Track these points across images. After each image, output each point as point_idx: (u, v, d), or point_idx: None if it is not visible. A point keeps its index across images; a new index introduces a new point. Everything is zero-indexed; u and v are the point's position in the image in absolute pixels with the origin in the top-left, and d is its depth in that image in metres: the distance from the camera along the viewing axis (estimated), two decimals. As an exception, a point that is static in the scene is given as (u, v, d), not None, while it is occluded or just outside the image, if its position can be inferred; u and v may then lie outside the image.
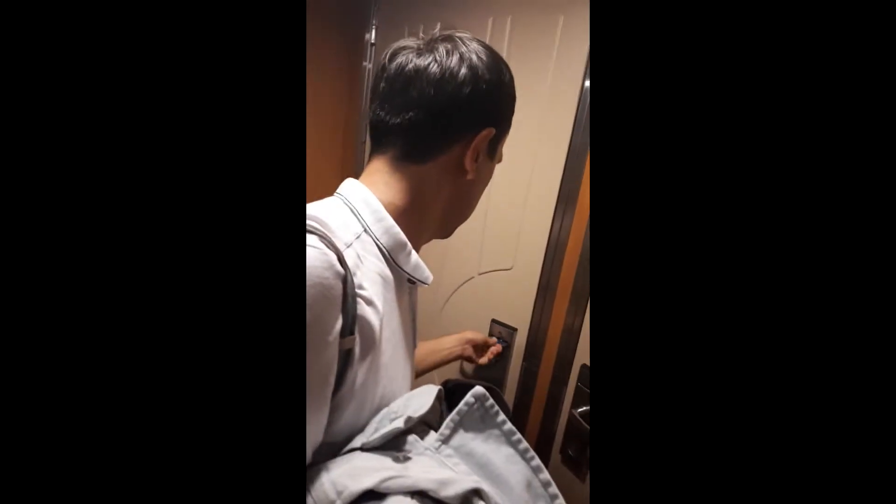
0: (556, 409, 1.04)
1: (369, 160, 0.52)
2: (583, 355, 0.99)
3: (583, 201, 0.99)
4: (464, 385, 0.50)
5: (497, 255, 1.15)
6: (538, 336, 1.08)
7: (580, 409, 0.96)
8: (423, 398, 0.45)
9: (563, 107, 1.01)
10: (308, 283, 0.35)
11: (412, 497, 0.36)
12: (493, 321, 1.16)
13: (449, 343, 0.98)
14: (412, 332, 0.56)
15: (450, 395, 0.50)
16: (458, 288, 1.22)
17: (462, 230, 0.61)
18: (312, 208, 0.47)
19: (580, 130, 0.99)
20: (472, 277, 1.19)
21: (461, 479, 0.38)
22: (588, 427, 0.94)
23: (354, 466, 0.39)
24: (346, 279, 0.38)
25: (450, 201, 0.53)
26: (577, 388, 0.99)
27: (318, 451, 0.41)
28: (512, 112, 0.54)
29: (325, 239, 0.38)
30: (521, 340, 1.12)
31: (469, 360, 1.01)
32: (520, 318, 1.11)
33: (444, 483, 0.37)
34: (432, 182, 0.50)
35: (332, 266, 0.37)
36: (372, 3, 1.39)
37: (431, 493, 0.37)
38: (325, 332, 0.37)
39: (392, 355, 0.47)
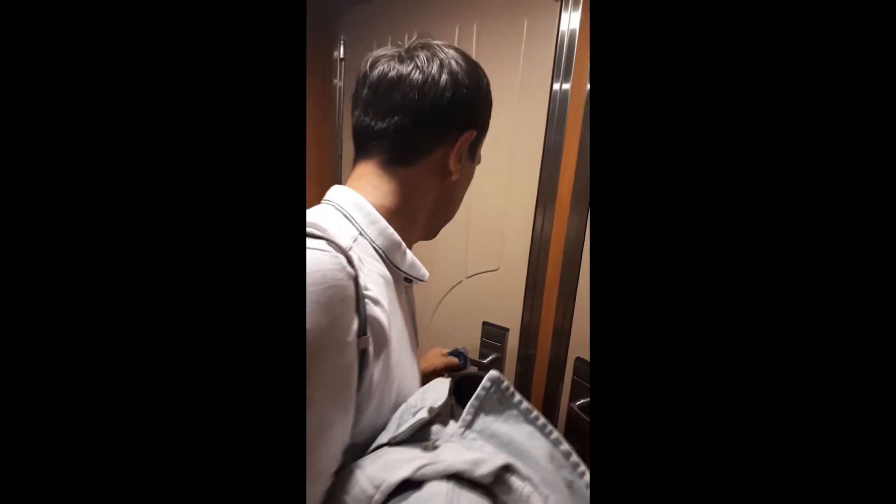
0: (555, 405, 1.05)
1: (355, 166, 0.53)
2: (575, 349, 1.01)
3: (562, 199, 1.01)
4: (468, 379, 0.50)
5: (483, 258, 1.16)
6: (530, 334, 1.09)
7: (579, 403, 0.97)
8: (439, 390, 0.46)
9: (534, 108, 1.03)
10: (325, 285, 0.36)
11: (448, 480, 0.37)
12: (485, 323, 1.17)
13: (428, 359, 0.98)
14: (414, 331, 0.57)
15: (456, 389, 0.51)
16: (448, 293, 1.23)
17: (447, 234, 0.61)
18: (313, 214, 0.48)
19: (553, 130, 1.01)
20: (461, 281, 1.20)
21: (491, 457, 0.39)
22: (587, 419, 0.95)
23: (387, 461, 0.39)
24: (356, 280, 0.39)
25: (436, 202, 0.54)
26: (573, 381, 1.00)
27: (346, 452, 0.41)
28: (490, 114, 0.56)
29: (332, 242, 0.39)
30: (513, 340, 1.13)
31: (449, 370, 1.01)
32: (510, 317, 1.12)
33: (476, 463, 0.38)
34: (419, 184, 0.51)
35: (344, 268, 0.38)
36: (339, 20, 1.40)
37: (466, 475, 0.37)
38: (344, 332, 0.38)
39: (401, 354, 0.48)
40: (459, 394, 0.48)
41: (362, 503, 0.37)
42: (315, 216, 0.47)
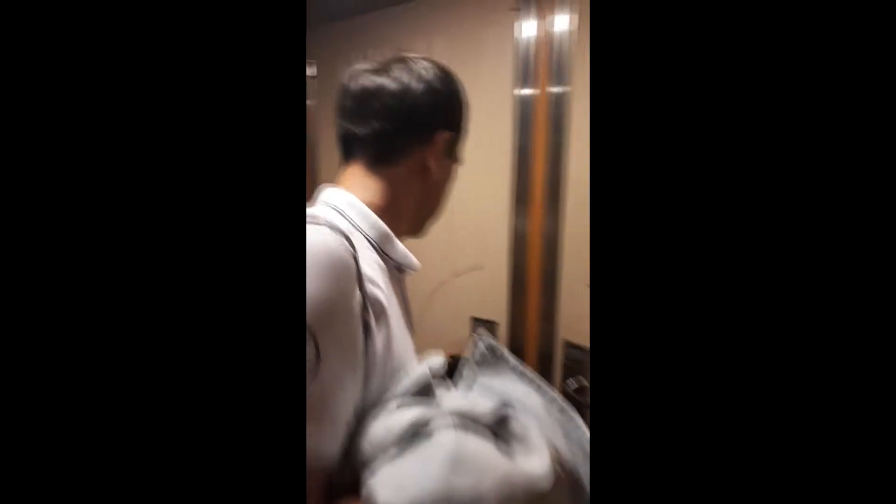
0: (547, 389, 1.13)
1: (343, 169, 0.58)
2: (561, 334, 1.08)
3: (535, 197, 1.08)
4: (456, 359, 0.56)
5: (468, 257, 1.22)
6: (517, 325, 1.16)
7: (573, 388, 1.05)
8: (437, 359, 0.51)
9: (499, 113, 1.10)
10: (331, 261, 0.41)
11: (454, 428, 0.42)
12: (473, 318, 1.23)
13: None
14: (409, 317, 0.61)
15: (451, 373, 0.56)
16: (435, 291, 1.29)
17: (433, 237, 0.66)
18: (311, 212, 0.51)
19: (521, 133, 1.08)
20: (447, 281, 1.26)
21: (490, 402, 0.45)
22: (579, 401, 1.03)
23: (396, 413, 0.44)
24: (356, 259, 0.44)
25: (420, 198, 0.59)
26: (564, 364, 1.08)
27: (358, 414, 0.46)
28: (464, 116, 0.62)
29: (333, 227, 0.43)
30: (502, 332, 1.20)
31: None
32: (497, 311, 1.19)
33: (477, 402, 0.44)
34: (403, 182, 0.56)
35: (346, 247, 0.43)
36: (308, 39, 1.42)
37: (468, 414, 0.43)
38: (350, 302, 0.42)
39: (398, 332, 0.52)
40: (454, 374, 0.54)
41: (378, 447, 0.43)
42: (313, 212, 0.51)
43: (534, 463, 0.42)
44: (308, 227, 0.43)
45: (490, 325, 1.20)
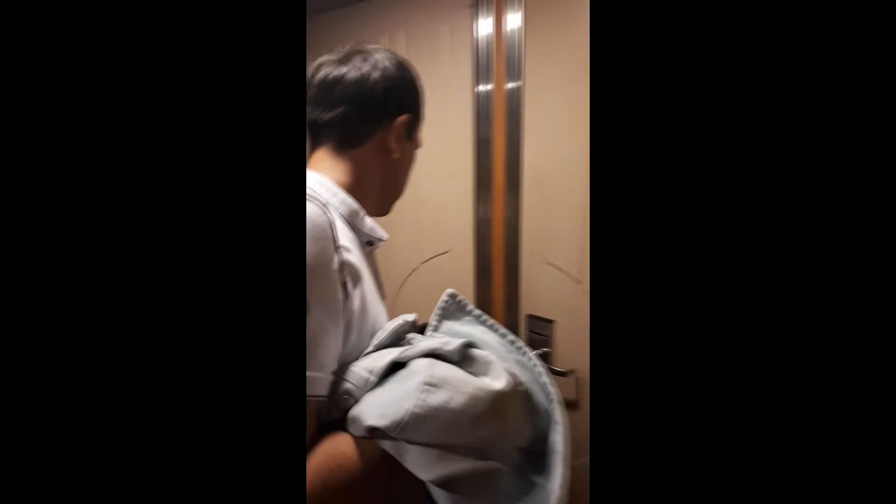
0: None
1: (311, 153, 0.64)
2: (525, 310, 1.17)
3: (497, 184, 1.17)
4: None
5: (434, 244, 1.30)
6: (485, 302, 1.24)
7: (536, 352, 1.14)
8: (409, 315, 0.59)
9: (460, 105, 1.19)
10: (314, 226, 0.46)
11: (425, 357, 0.49)
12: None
13: None
14: (381, 287, 0.68)
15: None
16: (406, 279, 1.36)
17: (401, 225, 0.72)
18: None
19: (480, 124, 1.17)
20: (417, 268, 1.33)
21: (457, 339, 0.53)
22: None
23: (376, 355, 0.52)
24: (332, 226, 0.50)
25: (383, 178, 0.65)
26: (528, 335, 1.17)
27: (340, 363, 0.52)
28: (420, 102, 0.68)
29: (312, 197, 0.49)
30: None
31: None
32: (465, 293, 1.26)
33: (445, 343, 0.51)
34: (367, 162, 0.62)
35: (325, 215, 0.49)
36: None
37: (438, 351, 0.50)
38: (330, 261, 0.48)
39: (371, 297, 0.58)
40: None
41: (361, 385, 0.49)
42: None
43: (495, 382, 0.49)
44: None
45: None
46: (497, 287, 1.22)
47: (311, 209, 0.48)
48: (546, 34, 1.05)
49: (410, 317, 0.59)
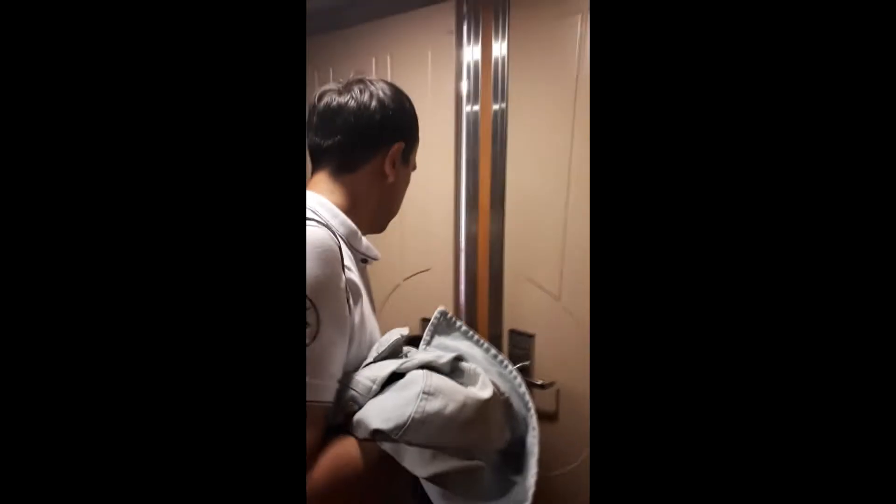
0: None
1: (312, 176, 0.68)
2: (507, 325, 1.21)
3: (483, 204, 1.22)
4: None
5: (415, 263, 1.34)
6: (470, 316, 1.28)
7: (517, 365, 1.17)
8: (402, 329, 0.64)
9: (443, 125, 1.24)
10: (324, 248, 0.52)
11: (421, 368, 0.55)
12: (423, 320, 1.34)
13: None
14: (373, 302, 0.73)
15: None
16: (389, 295, 1.39)
17: (383, 244, 0.76)
18: None
19: (465, 144, 1.22)
20: (399, 284, 1.36)
21: (449, 353, 0.59)
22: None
23: (377, 366, 0.57)
24: (341, 248, 0.55)
25: (379, 200, 0.70)
26: (510, 351, 1.21)
27: (344, 373, 0.57)
28: (415, 129, 0.73)
29: (321, 222, 0.55)
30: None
31: None
32: (446, 306, 1.30)
33: (438, 357, 0.57)
34: (364, 187, 0.67)
35: (333, 238, 0.54)
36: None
37: (433, 364, 0.56)
38: (339, 281, 0.53)
39: (368, 312, 0.64)
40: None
41: (365, 393, 0.55)
42: None
43: (482, 391, 0.55)
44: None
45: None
46: (481, 301, 1.26)
47: (321, 233, 0.53)
48: (530, 59, 1.11)
49: (405, 331, 0.64)
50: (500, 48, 1.15)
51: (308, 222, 0.54)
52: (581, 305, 1.05)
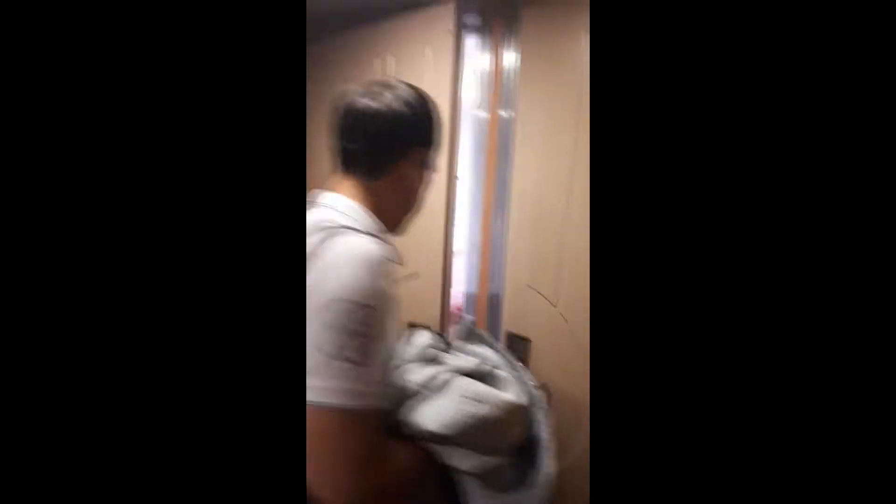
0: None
1: (337, 178, 0.69)
2: (505, 326, 1.24)
3: (486, 207, 1.24)
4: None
5: (405, 266, 1.35)
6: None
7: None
8: (424, 331, 0.68)
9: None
10: (385, 265, 0.54)
11: (465, 376, 0.61)
12: (410, 324, 1.34)
13: None
14: None
15: None
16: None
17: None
18: (321, 213, 0.61)
19: (477, 151, 1.24)
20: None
21: (486, 363, 0.65)
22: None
23: (426, 371, 0.60)
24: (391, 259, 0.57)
25: (403, 203, 0.72)
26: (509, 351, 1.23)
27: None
28: (438, 132, 0.74)
29: (372, 235, 0.57)
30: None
31: None
32: (429, 312, 1.34)
33: (479, 364, 0.63)
34: (387, 189, 0.68)
35: (388, 252, 0.56)
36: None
37: (469, 369, 0.62)
38: (394, 290, 0.55)
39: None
40: None
41: (410, 395, 0.59)
42: (327, 215, 0.61)
43: (518, 399, 0.61)
44: (356, 236, 0.56)
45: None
46: (481, 304, 1.28)
47: (375, 247, 0.55)
48: (539, 65, 1.13)
49: (428, 334, 0.66)
50: (509, 58, 1.18)
51: (363, 236, 0.56)
52: (578, 312, 1.09)
